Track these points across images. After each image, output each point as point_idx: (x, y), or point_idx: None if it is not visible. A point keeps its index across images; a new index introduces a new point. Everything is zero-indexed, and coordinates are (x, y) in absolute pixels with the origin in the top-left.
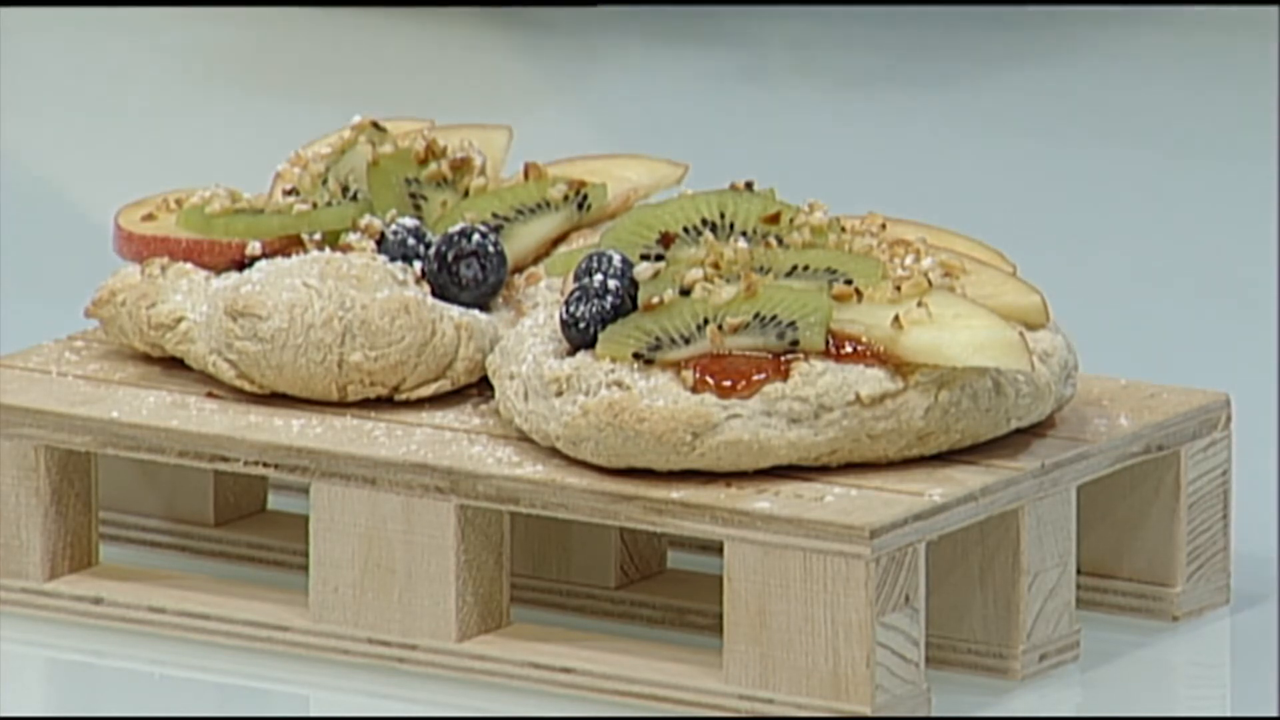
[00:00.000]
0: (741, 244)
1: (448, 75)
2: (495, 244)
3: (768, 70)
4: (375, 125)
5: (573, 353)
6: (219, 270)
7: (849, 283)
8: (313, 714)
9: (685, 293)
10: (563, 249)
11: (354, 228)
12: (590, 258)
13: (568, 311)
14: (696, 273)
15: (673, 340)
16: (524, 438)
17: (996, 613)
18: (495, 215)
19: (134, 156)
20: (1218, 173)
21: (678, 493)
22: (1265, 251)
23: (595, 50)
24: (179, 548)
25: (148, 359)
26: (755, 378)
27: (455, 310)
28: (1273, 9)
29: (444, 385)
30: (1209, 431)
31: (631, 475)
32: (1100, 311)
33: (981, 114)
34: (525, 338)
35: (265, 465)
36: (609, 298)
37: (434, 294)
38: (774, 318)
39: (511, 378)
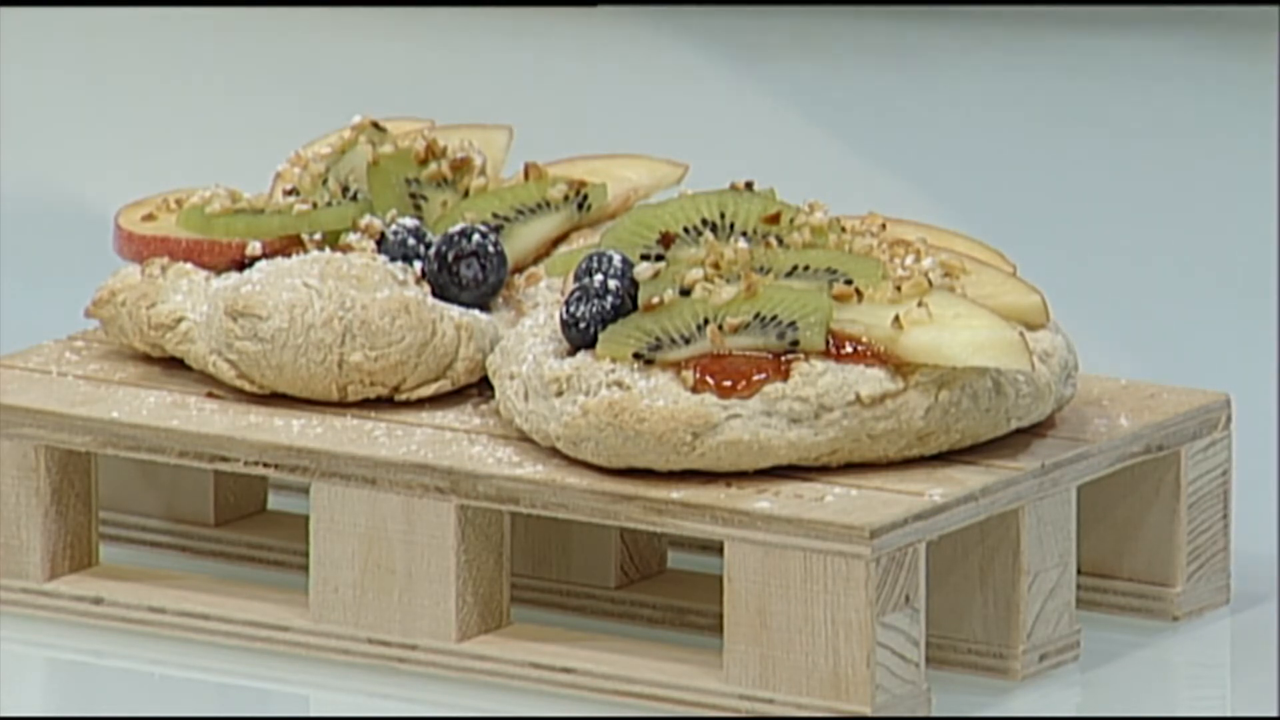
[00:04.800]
0: (741, 244)
1: (448, 75)
2: (495, 244)
3: (768, 70)
4: (375, 125)
5: (573, 353)
6: (219, 270)
7: (849, 283)
8: (313, 714)
9: (685, 293)
10: (563, 249)
11: (354, 228)
12: (590, 258)
13: (568, 311)
14: (696, 273)
15: (673, 340)
16: (524, 438)
17: (996, 613)
18: (495, 215)
19: (134, 156)
20: (1218, 172)
21: (678, 493)
22: (1265, 251)
23: (595, 50)
24: (179, 548)
25: (148, 359)
26: (755, 378)
27: (455, 310)
28: (1273, 9)
29: (444, 385)
30: (1209, 431)
31: (631, 475)
32: (1100, 311)
33: (982, 114)
34: (525, 338)
35: (265, 465)
36: (609, 298)
37: (434, 294)
38: (774, 318)
39: (512, 378)
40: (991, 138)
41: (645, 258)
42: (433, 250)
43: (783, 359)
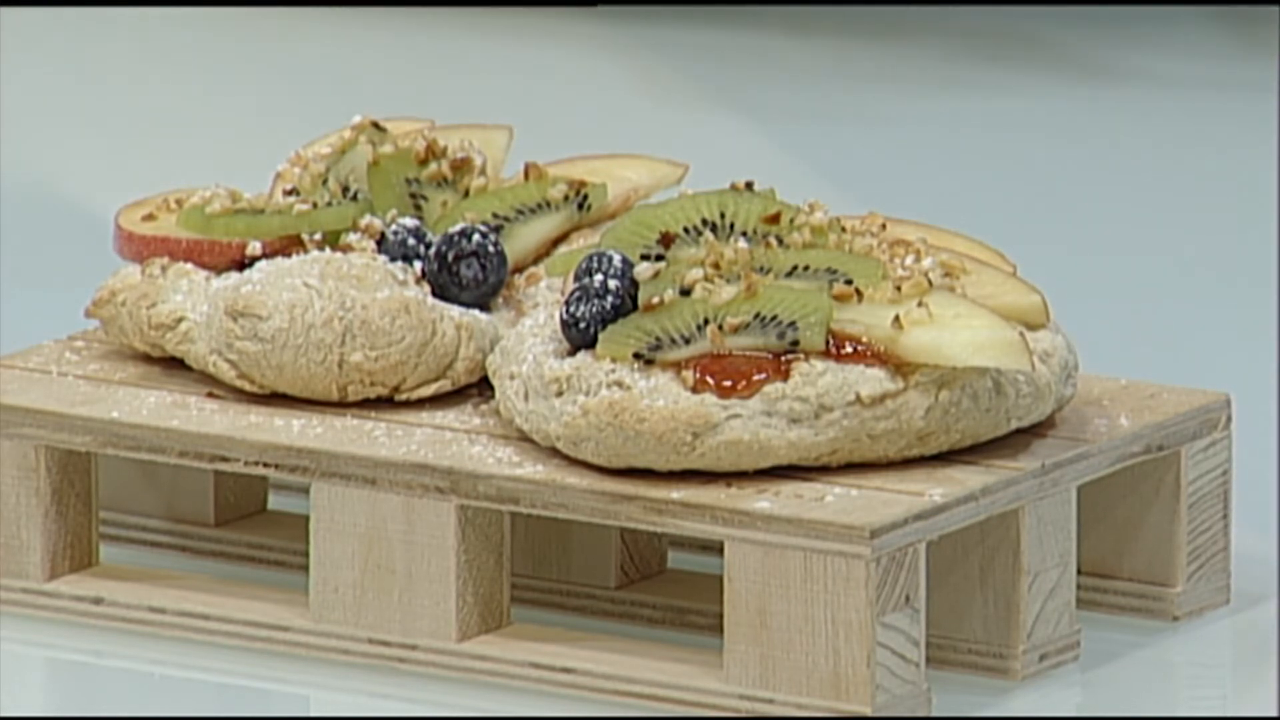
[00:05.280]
0: (742, 244)
1: (448, 75)
2: (495, 244)
3: (767, 70)
4: (375, 125)
5: (573, 353)
6: (219, 270)
7: (849, 283)
8: (313, 714)
9: (685, 293)
10: (563, 249)
11: (354, 228)
12: (590, 258)
13: (568, 311)
14: (697, 273)
15: (673, 340)
16: (524, 438)
17: (996, 613)
18: (495, 215)
19: (134, 156)
20: (1218, 172)
21: (678, 493)
22: (1265, 251)
23: (595, 50)
24: (179, 548)
25: (148, 359)
26: (755, 378)
27: (455, 310)
28: (1273, 9)
29: (444, 385)
30: (1209, 431)
31: (631, 475)
32: (1100, 311)
33: (982, 114)
34: (525, 338)
35: (265, 465)
36: (609, 298)
37: (434, 294)
38: (774, 318)
39: (512, 378)
40: (991, 138)
41: (645, 258)
42: (433, 250)
43: (783, 359)
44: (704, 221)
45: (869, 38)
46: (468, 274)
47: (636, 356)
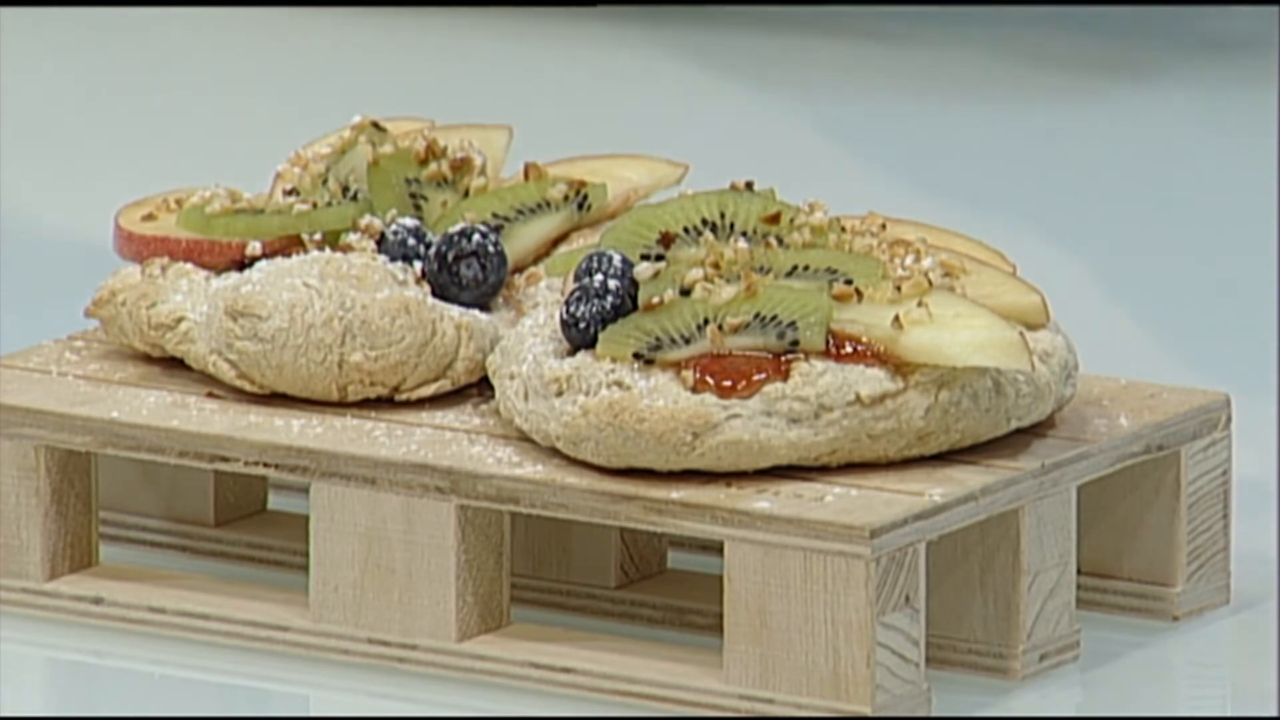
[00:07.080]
0: (741, 244)
1: (448, 75)
2: (495, 244)
3: (768, 70)
4: (375, 125)
5: (573, 353)
6: (219, 270)
7: (849, 283)
8: (313, 714)
9: (685, 293)
10: (563, 249)
11: (354, 228)
12: (590, 258)
13: (568, 311)
14: (696, 273)
15: (673, 340)
16: (524, 438)
17: (996, 613)
18: (495, 215)
19: (134, 156)
20: (1217, 172)
21: (678, 493)
22: (1265, 251)
23: (595, 50)
24: (179, 548)
25: (148, 359)
26: (755, 378)
27: (455, 310)
28: (1273, 9)
29: (444, 385)
30: (1209, 431)
31: (631, 475)
32: (1100, 311)
33: (982, 114)
34: (525, 338)
35: (265, 465)
36: (609, 298)
37: (434, 294)
38: (774, 318)
39: (512, 378)
40: (992, 137)
41: (645, 258)
42: (433, 250)
43: (783, 359)
44: (704, 221)
45: (870, 37)
46: (468, 274)
47: (636, 356)
